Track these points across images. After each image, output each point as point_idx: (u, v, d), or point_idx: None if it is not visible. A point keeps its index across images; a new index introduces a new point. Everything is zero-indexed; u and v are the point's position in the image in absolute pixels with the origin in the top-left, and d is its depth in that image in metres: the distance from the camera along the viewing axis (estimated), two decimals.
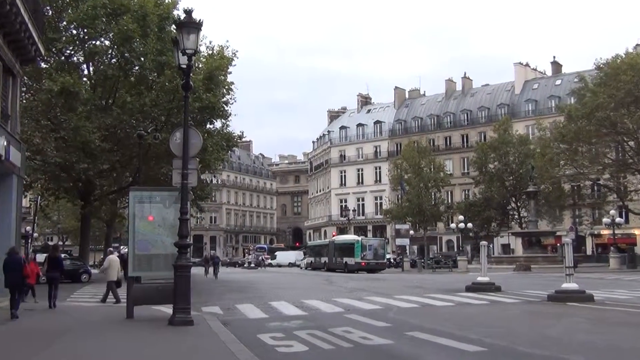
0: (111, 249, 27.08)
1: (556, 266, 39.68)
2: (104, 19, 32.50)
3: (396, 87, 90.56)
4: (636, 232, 61.92)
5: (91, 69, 35.71)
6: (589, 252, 64.24)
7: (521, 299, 18.04)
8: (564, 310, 14.87)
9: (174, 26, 19.95)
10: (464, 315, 14.31)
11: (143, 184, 28.82)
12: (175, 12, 33.88)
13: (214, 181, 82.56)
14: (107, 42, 34.43)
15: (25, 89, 30.59)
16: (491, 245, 65.63)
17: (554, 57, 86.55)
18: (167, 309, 13.75)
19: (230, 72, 35.63)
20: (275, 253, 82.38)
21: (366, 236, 73.82)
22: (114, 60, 34.38)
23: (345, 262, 50.56)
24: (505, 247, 69.47)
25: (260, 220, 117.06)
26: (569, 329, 11.48)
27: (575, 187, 58.06)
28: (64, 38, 32.90)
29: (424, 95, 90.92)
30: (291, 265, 70.03)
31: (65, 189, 36.38)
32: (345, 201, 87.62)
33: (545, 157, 52.75)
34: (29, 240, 44.30)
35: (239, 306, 17.04)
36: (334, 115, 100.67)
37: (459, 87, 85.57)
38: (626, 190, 53.35)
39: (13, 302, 14.49)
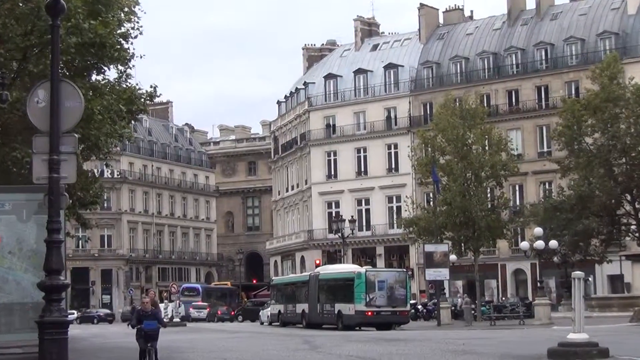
0: None
1: None
2: None
3: (422, 4, 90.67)
4: None
5: None
6: None
7: None
8: None
9: None
10: None
11: None
12: None
13: (108, 174, 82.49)
14: None
15: None
16: (591, 278, 65.97)
17: None
18: None
19: None
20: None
21: (374, 266, 73.95)
22: None
23: (339, 311, 50.57)
24: (616, 281, 70.00)
25: (188, 240, 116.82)
26: None
27: None
28: None
29: (471, 19, 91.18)
30: None
31: None
32: (337, 205, 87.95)
33: None
34: None
35: None
36: (314, 56, 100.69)
37: (530, 5, 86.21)
38: None
39: None
